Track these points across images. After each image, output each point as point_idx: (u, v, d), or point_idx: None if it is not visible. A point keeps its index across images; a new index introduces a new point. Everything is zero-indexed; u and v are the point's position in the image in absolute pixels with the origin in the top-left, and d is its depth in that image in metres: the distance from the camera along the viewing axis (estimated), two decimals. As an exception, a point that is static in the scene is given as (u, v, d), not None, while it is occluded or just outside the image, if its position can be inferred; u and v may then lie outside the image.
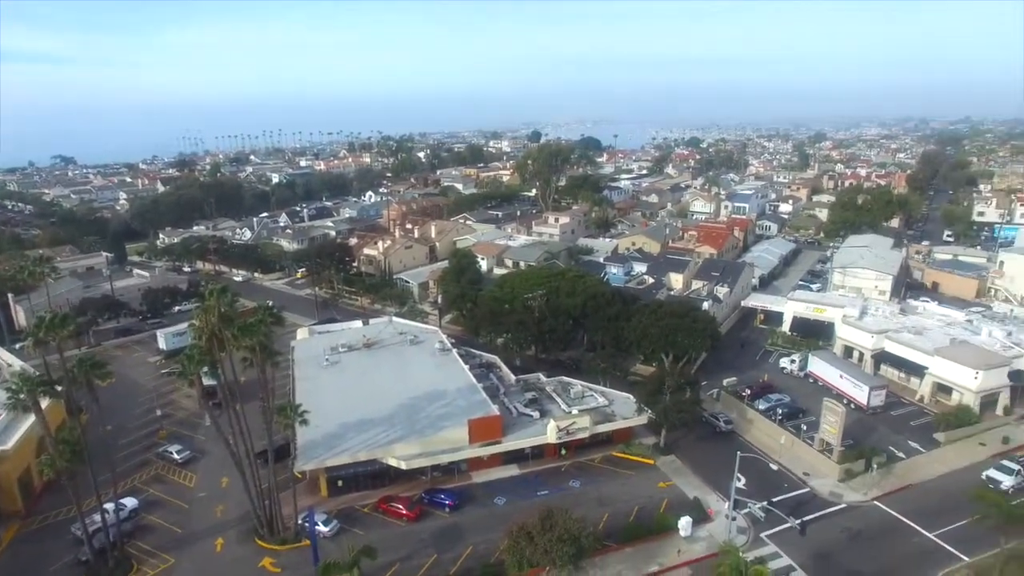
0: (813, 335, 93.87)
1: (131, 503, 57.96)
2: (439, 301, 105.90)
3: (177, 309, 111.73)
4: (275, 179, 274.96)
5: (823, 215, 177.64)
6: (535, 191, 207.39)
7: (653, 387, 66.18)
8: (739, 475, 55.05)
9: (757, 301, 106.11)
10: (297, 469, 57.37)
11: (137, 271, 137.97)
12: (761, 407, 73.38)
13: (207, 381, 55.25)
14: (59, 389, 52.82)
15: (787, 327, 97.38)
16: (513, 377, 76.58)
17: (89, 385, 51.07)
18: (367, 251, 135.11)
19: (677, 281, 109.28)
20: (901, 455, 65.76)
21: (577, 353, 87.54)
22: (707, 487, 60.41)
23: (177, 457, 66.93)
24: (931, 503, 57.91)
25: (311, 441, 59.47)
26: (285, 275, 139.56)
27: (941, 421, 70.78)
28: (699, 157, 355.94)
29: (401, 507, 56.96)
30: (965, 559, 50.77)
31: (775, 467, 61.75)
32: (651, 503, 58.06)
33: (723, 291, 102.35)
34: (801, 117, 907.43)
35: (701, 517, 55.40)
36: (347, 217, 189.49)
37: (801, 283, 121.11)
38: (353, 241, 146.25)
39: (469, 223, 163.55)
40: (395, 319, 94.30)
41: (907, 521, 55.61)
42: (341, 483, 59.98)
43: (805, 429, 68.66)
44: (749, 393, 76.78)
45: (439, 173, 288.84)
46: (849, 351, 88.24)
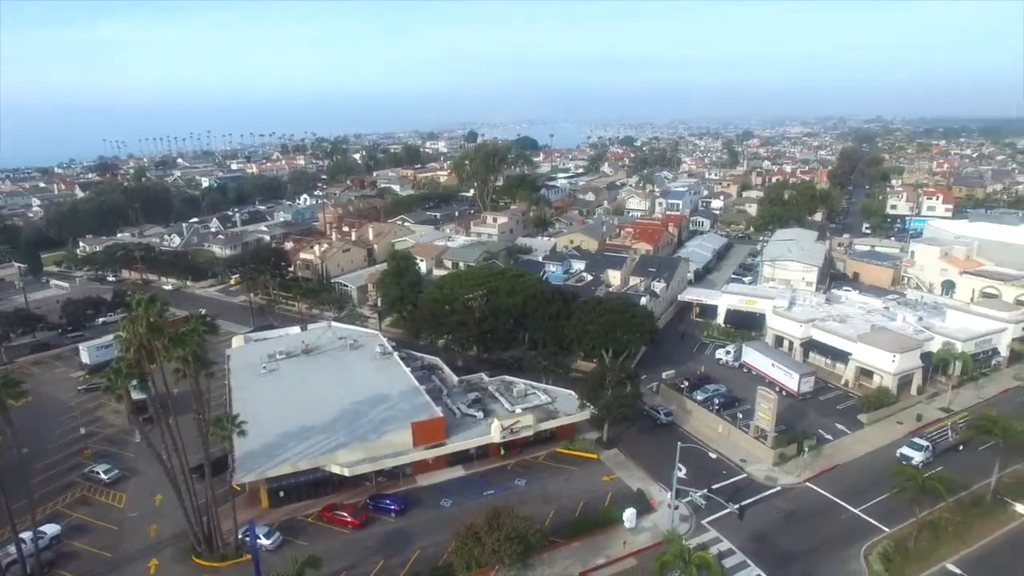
0: (746, 326, 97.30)
1: (52, 530, 54.61)
2: (378, 304, 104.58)
3: (101, 321, 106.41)
4: (205, 183, 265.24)
5: (752, 210, 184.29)
6: (473, 191, 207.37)
7: (594, 383, 67.19)
8: (680, 465, 56.57)
9: (693, 295, 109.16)
10: (236, 482, 55.60)
11: (55, 282, 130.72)
12: (699, 398, 75.55)
13: (136, 395, 52.91)
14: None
15: (722, 319, 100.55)
16: (455, 378, 76.38)
17: (1, 406, 48.12)
18: (303, 255, 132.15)
19: (615, 278, 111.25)
20: (829, 437, 68.99)
21: (519, 352, 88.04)
22: (650, 478, 61.77)
23: (104, 477, 63.55)
24: (856, 481, 61.11)
25: (250, 452, 57.78)
26: (218, 282, 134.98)
27: (864, 403, 74.72)
28: (633, 155, 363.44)
29: (346, 515, 56.02)
30: (886, 530, 53.98)
31: (714, 455, 63.72)
32: (596, 497, 58.98)
33: (660, 286, 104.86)
34: (730, 116, 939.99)
35: (645, 508, 56.60)
36: (282, 221, 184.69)
37: (734, 276, 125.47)
38: (289, 245, 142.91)
39: (407, 225, 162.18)
40: (334, 324, 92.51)
41: (835, 499, 58.48)
42: (283, 494, 58.51)
43: (741, 417, 71.08)
44: (687, 385, 78.89)
45: (376, 175, 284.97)
46: (780, 340, 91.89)
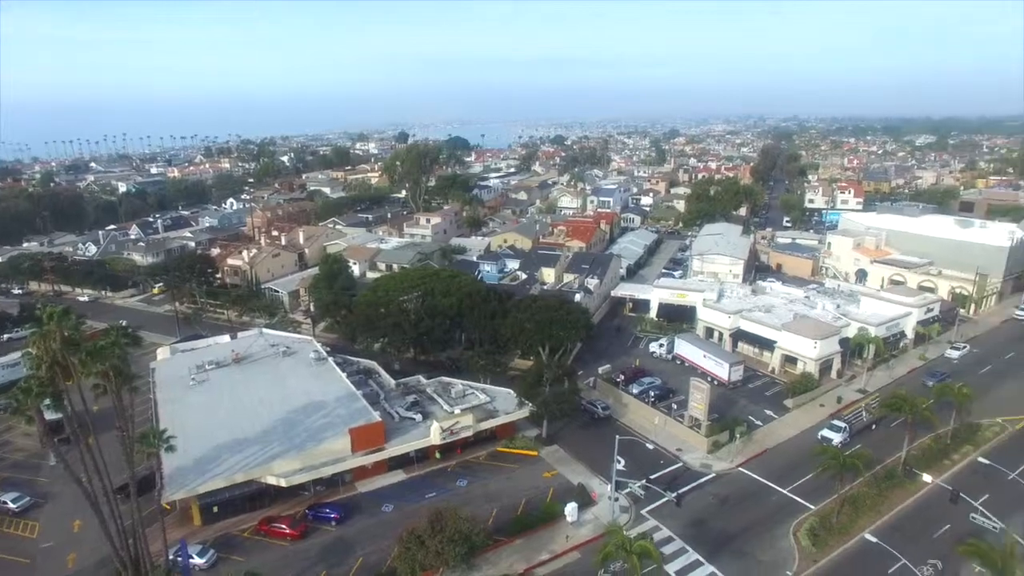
0: (678, 319, 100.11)
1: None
2: (311, 309, 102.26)
3: (7, 337, 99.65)
4: (122, 188, 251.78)
5: (681, 206, 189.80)
6: (405, 192, 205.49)
7: (532, 380, 67.77)
8: (619, 458, 57.71)
9: (625, 290, 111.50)
10: (165, 500, 53.19)
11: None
12: (635, 391, 77.24)
13: (50, 415, 49.80)
14: None
15: (654, 313, 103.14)
16: (393, 381, 75.55)
17: None
18: (231, 261, 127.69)
19: (549, 275, 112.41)
20: (759, 423, 71.92)
21: (456, 352, 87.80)
22: (590, 472, 62.80)
23: (13, 506, 59.08)
24: (784, 463, 64.04)
25: (180, 468, 55.46)
26: (140, 292, 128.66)
27: (789, 388, 78.24)
28: (564, 154, 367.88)
29: (284, 526, 54.56)
30: (812, 507, 56.91)
31: (651, 446, 65.32)
32: (538, 494, 59.52)
33: (593, 282, 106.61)
34: (657, 115, 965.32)
35: (586, 502, 57.53)
36: (207, 226, 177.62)
37: (665, 271, 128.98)
38: (215, 251, 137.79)
39: (339, 227, 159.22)
40: (266, 331, 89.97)
41: (766, 482, 61.11)
42: (216, 509, 56.35)
43: (676, 408, 73.19)
44: (623, 379, 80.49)
45: (305, 177, 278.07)
46: (710, 332, 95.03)
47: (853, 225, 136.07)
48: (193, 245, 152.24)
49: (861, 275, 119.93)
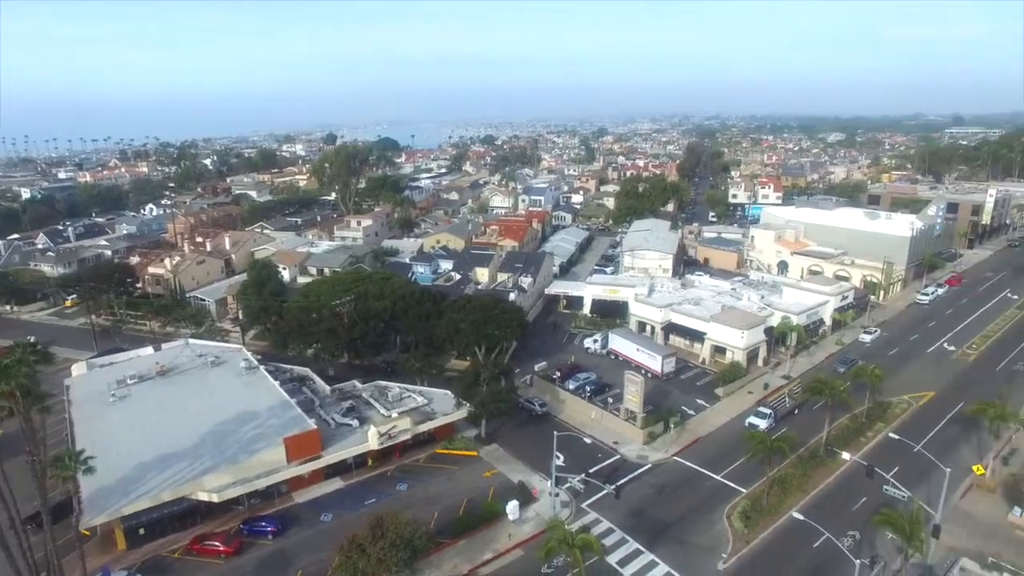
0: (611, 315, 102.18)
1: None
2: (240, 317, 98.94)
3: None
4: (25, 194, 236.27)
5: (610, 204, 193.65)
6: (335, 195, 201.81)
7: (469, 380, 67.82)
8: (558, 453, 58.51)
9: (559, 288, 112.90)
10: (84, 526, 50.15)
11: None
12: (571, 387, 78.29)
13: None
14: None
15: (587, 310, 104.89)
16: (327, 388, 73.99)
17: None
18: (153, 270, 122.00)
19: (483, 275, 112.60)
20: (691, 412, 74.21)
21: (392, 355, 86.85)
22: (530, 470, 63.23)
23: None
24: (716, 450, 66.39)
25: (100, 490, 52.54)
26: (50, 305, 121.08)
27: (719, 378, 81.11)
28: (495, 154, 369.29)
29: (218, 543, 52.57)
30: (743, 491, 59.21)
31: (589, 441, 66.14)
32: (479, 493, 59.56)
33: (527, 281, 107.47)
34: (585, 114, 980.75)
35: (527, 499, 57.89)
36: (125, 234, 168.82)
37: (597, 268, 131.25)
38: (135, 260, 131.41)
39: (267, 232, 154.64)
40: (192, 341, 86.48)
41: (700, 469, 63.17)
42: (143, 531, 53.62)
43: (612, 402, 74.58)
44: (559, 375, 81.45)
45: (230, 180, 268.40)
46: (643, 326, 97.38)
47: (774, 219, 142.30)
48: (110, 254, 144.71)
49: (782, 266, 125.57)
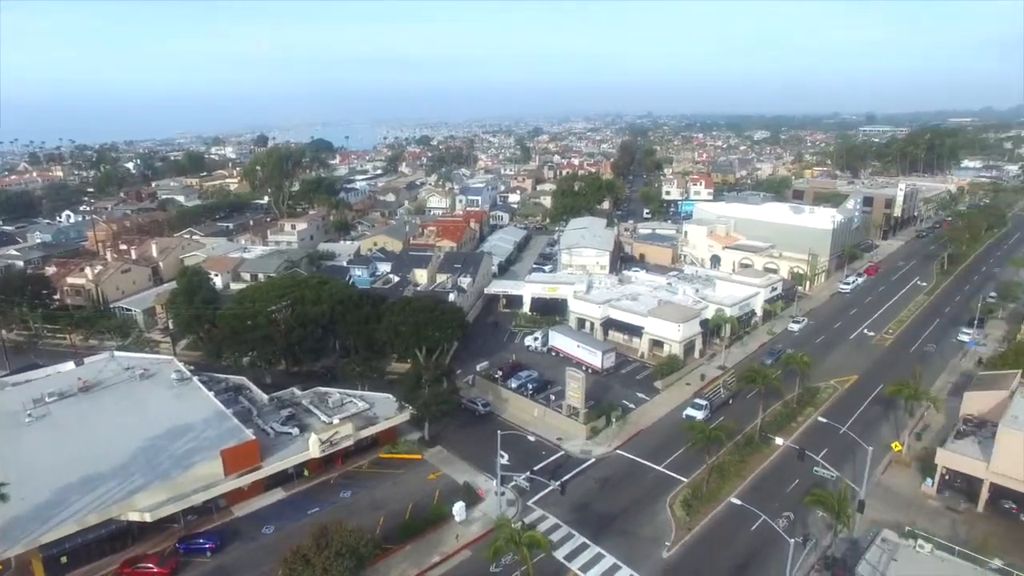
0: (551, 312, 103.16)
1: None
2: (170, 326, 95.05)
3: None
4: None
5: (547, 202, 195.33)
6: (267, 198, 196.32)
7: (411, 383, 67.19)
8: (502, 452, 58.73)
9: (498, 287, 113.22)
10: (-2, 557, 47.07)
11: None
12: (513, 385, 78.72)
13: None
14: None
15: (527, 308, 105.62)
16: (265, 396, 71.90)
17: None
18: (72, 280, 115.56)
19: (422, 276, 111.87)
20: (632, 406, 75.75)
21: (331, 361, 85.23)
22: (475, 470, 63.21)
23: None
24: (657, 441, 68.07)
25: (15, 518, 49.16)
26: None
27: (658, 371, 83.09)
28: (431, 154, 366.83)
29: (151, 566, 50.29)
30: (684, 480, 60.97)
31: (533, 438, 66.60)
32: (424, 497, 59.18)
33: (466, 281, 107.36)
34: (520, 114, 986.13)
35: (473, 500, 57.89)
36: (39, 243, 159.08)
37: (535, 266, 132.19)
38: (51, 270, 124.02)
39: (197, 238, 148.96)
40: (118, 354, 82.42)
41: (642, 460, 64.63)
42: (65, 559, 50.32)
43: (554, 399, 75.41)
44: (501, 374, 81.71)
45: (155, 185, 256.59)
46: (582, 322, 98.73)
47: (706, 215, 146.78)
48: (22, 264, 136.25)
49: (715, 260, 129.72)
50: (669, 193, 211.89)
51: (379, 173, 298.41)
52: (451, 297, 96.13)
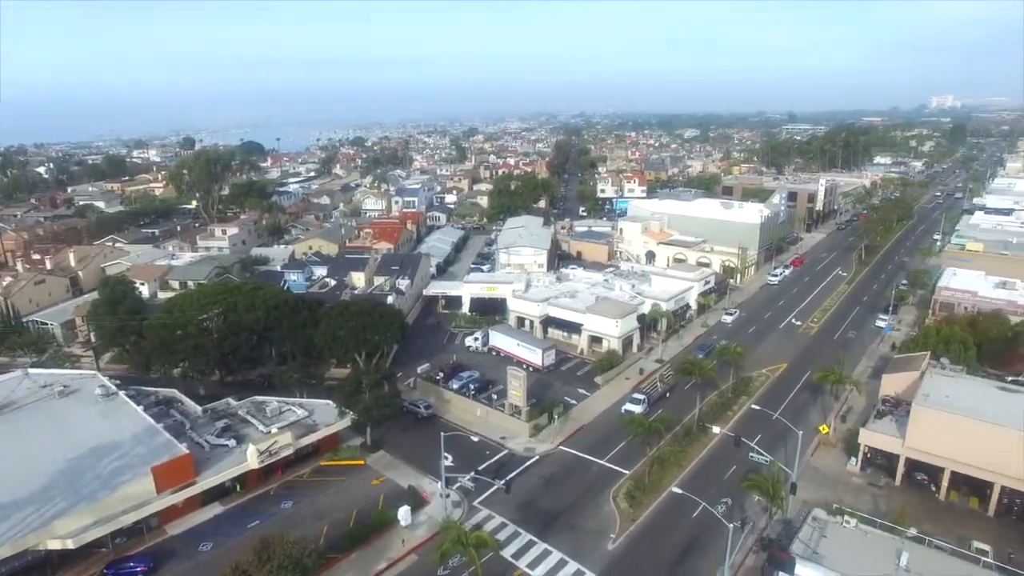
0: (490, 312, 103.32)
1: None
2: (93, 339, 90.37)
3: None
4: None
5: (484, 202, 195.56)
6: (196, 202, 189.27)
7: (351, 388, 66.16)
8: (446, 454, 58.58)
9: (437, 288, 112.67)
10: None
11: None
12: (455, 386, 78.41)
13: None
14: None
15: (467, 308, 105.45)
16: (199, 408, 69.31)
17: None
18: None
19: (359, 279, 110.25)
20: (573, 402, 76.78)
21: (267, 369, 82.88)
22: (419, 473, 62.73)
23: None
24: (599, 436, 69.22)
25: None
26: None
27: (598, 367, 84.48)
28: (365, 156, 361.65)
29: (78, 591, 47.86)
30: (626, 472, 62.25)
31: (476, 439, 66.74)
32: (368, 503, 58.34)
33: (405, 283, 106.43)
34: (455, 114, 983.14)
35: (418, 503, 57.43)
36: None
37: (473, 266, 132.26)
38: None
39: (119, 245, 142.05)
40: (33, 371, 77.61)
41: (585, 456, 65.57)
42: (-21, 594, 47.63)
43: (496, 398, 75.46)
44: (442, 376, 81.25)
45: (72, 190, 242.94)
46: (521, 321, 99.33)
47: (640, 211, 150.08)
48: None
49: (650, 256, 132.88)
50: (604, 191, 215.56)
51: (312, 175, 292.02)
52: (390, 299, 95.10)
